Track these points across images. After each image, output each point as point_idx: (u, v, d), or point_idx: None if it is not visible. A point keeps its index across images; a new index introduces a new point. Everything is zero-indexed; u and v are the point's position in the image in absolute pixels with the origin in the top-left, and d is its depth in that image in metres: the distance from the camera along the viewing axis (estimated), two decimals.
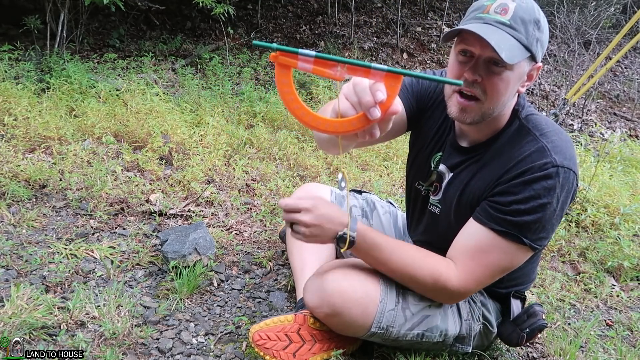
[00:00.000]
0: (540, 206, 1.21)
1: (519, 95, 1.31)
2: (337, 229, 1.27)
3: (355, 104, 0.80)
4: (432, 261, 1.30)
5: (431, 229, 1.51)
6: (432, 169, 1.48)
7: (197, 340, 1.49)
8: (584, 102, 5.47)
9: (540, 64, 1.25)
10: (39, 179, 2.23)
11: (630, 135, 5.24)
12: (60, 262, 1.73)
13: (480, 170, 1.33)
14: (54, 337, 1.39)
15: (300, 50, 0.76)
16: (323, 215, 1.27)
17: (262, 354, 1.36)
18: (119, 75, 3.94)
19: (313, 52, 0.76)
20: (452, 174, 1.42)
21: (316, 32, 6.32)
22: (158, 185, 2.38)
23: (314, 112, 0.82)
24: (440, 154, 1.46)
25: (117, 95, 3.33)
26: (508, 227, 1.23)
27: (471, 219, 1.30)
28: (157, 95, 3.35)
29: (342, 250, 1.29)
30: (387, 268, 1.32)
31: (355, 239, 1.26)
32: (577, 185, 1.26)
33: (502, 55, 1.10)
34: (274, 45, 0.75)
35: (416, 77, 0.79)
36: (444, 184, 1.44)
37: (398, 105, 0.80)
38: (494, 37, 1.12)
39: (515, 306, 1.48)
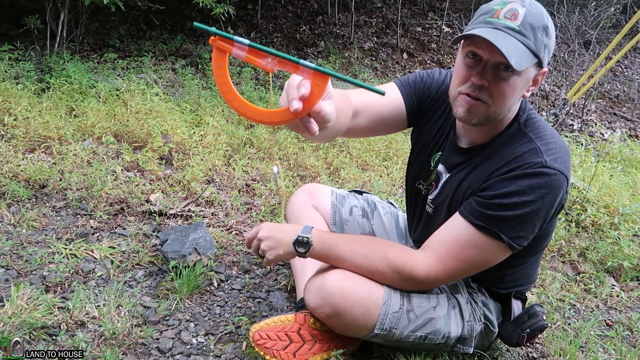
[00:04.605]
0: (522, 203, 1.20)
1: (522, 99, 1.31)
2: (291, 235, 1.35)
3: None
4: (393, 252, 1.32)
5: (426, 229, 1.51)
6: (432, 168, 1.49)
7: (197, 340, 1.49)
8: (584, 102, 5.46)
9: (545, 69, 1.25)
10: (39, 179, 2.23)
11: (630, 135, 5.24)
12: (60, 262, 1.73)
13: (473, 171, 1.34)
14: (54, 337, 1.39)
15: (235, 37, 0.80)
16: (272, 227, 1.41)
17: (262, 353, 1.36)
18: (119, 75, 3.93)
19: (247, 41, 0.80)
20: (449, 174, 1.42)
21: (316, 32, 6.32)
22: (158, 185, 2.38)
23: (245, 100, 0.85)
24: (440, 153, 1.47)
25: (117, 95, 3.32)
26: (487, 222, 1.23)
27: (455, 213, 1.31)
28: (157, 95, 3.34)
29: (306, 257, 1.35)
30: (351, 264, 1.33)
31: (310, 240, 1.33)
32: (567, 190, 1.26)
33: (512, 62, 1.11)
34: (213, 29, 0.79)
35: (341, 79, 0.83)
36: (439, 184, 1.45)
37: (324, 106, 0.83)
38: (504, 44, 1.12)
39: (516, 306, 1.48)
